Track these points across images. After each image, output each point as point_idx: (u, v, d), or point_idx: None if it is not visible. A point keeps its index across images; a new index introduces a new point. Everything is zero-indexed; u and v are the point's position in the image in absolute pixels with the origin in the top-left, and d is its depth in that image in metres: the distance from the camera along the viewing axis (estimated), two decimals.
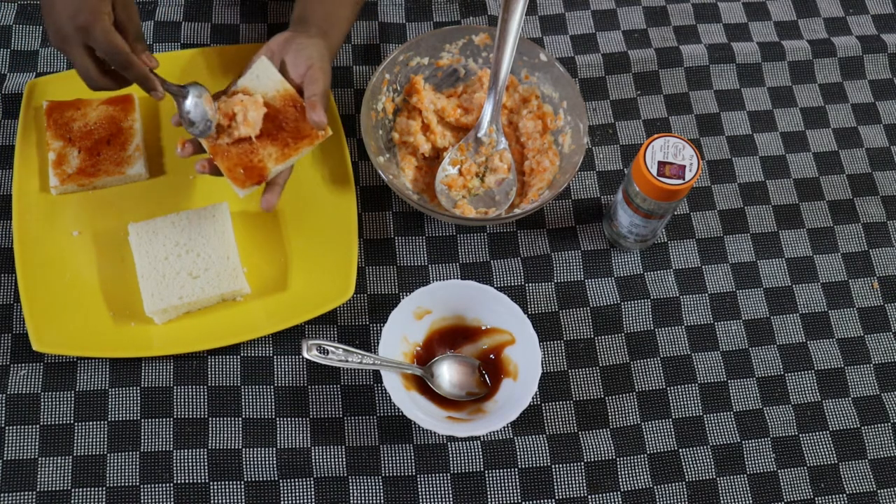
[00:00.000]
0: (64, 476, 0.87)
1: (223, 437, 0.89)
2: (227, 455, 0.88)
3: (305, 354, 0.86)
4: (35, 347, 0.89)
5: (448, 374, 0.91)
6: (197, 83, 0.87)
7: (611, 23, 1.13)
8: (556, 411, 0.92)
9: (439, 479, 0.89)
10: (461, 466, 0.89)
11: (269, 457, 0.89)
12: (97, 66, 0.83)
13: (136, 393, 0.90)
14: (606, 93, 1.08)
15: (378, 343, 0.88)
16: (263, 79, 0.90)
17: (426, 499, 0.88)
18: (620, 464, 0.90)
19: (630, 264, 0.99)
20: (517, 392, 0.88)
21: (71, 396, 0.90)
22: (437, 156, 1.03)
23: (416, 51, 1.02)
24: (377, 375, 0.92)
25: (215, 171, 0.89)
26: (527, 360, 0.89)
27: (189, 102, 0.86)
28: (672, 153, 0.87)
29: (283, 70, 0.91)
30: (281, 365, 0.92)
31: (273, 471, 0.88)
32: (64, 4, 0.80)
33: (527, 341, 0.89)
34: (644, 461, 0.90)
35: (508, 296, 0.90)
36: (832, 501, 0.90)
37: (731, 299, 0.98)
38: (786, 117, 1.09)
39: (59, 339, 0.90)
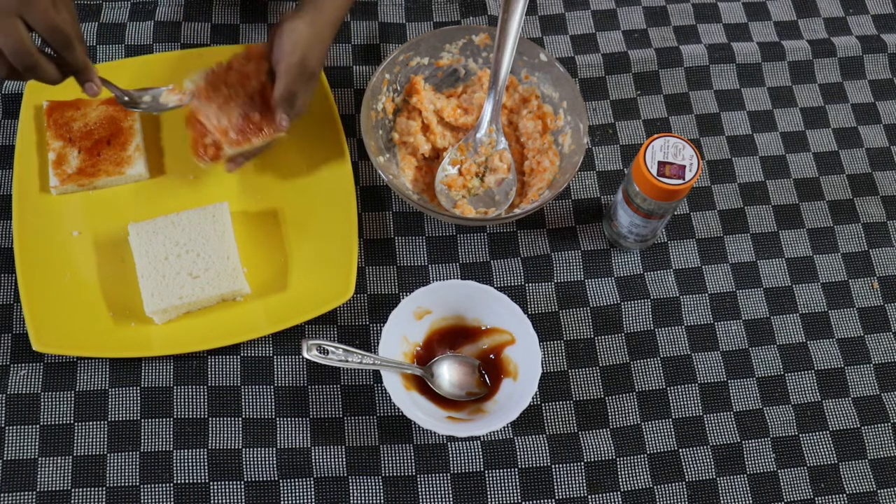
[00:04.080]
0: (64, 476, 0.87)
1: (223, 437, 0.89)
2: (227, 455, 0.88)
3: (305, 354, 0.86)
4: (35, 347, 0.89)
5: (448, 374, 0.91)
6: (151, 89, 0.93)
7: (611, 23, 1.13)
8: (556, 411, 0.92)
9: (439, 479, 0.89)
10: (461, 466, 0.89)
11: (269, 457, 0.89)
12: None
13: (136, 393, 0.90)
14: (606, 93, 1.08)
15: (378, 343, 0.88)
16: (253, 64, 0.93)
17: (426, 499, 0.88)
18: (620, 464, 0.90)
19: (630, 264, 0.99)
20: (517, 392, 0.88)
21: (71, 396, 0.90)
22: (437, 156, 1.03)
23: (416, 51, 1.02)
24: (377, 375, 0.92)
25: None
26: (527, 360, 0.89)
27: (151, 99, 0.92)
28: (672, 153, 0.87)
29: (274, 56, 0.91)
30: (281, 365, 0.92)
31: (273, 471, 0.88)
32: None
33: (527, 341, 0.89)
34: (644, 461, 0.90)
35: (508, 296, 0.90)
36: (832, 501, 0.90)
37: (731, 299, 0.98)
38: (786, 117, 1.09)
39: (59, 339, 0.90)
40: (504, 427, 0.90)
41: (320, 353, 0.87)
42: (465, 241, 1.00)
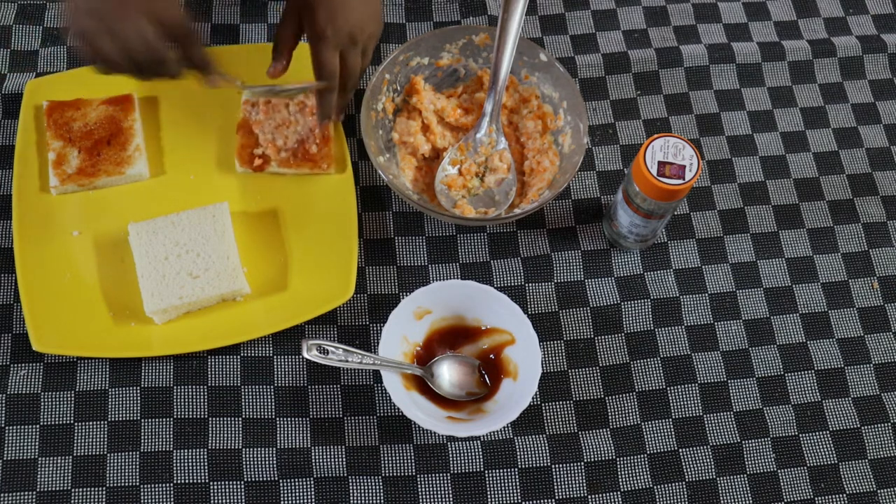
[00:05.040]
0: (64, 476, 0.87)
1: (223, 437, 0.89)
2: (227, 455, 0.88)
3: (305, 354, 0.86)
4: (35, 347, 0.89)
5: (448, 374, 0.91)
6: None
7: (611, 23, 1.13)
8: (556, 411, 0.92)
9: (439, 479, 0.89)
10: (461, 466, 0.89)
11: (269, 457, 0.89)
12: None
13: (136, 393, 0.90)
14: (606, 93, 1.08)
15: (378, 343, 0.88)
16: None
17: (426, 499, 0.88)
18: (620, 464, 0.90)
19: (630, 264, 0.99)
20: (517, 392, 0.88)
21: (71, 396, 0.90)
22: (437, 156, 1.03)
23: (416, 51, 1.02)
24: (377, 375, 0.92)
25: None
26: (527, 360, 0.89)
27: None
28: (672, 153, 0.87)
29: None
30: (281, 365, 0.92)
31: (273, 471, 0.88)
32: None
33: (527, 341, 0.89)
34: (644, 461, 0.90)
35: (508, 296, 0.90)
36: (832, 501, 0.90)
37: (731, 299, 0.98)
38: (786, 117, 1.09)
39: (59, 339, 0.90)
40: (504, 427, 0.90)
41: (320, 353, 0.87)
42: (465, 241, 1.00)
